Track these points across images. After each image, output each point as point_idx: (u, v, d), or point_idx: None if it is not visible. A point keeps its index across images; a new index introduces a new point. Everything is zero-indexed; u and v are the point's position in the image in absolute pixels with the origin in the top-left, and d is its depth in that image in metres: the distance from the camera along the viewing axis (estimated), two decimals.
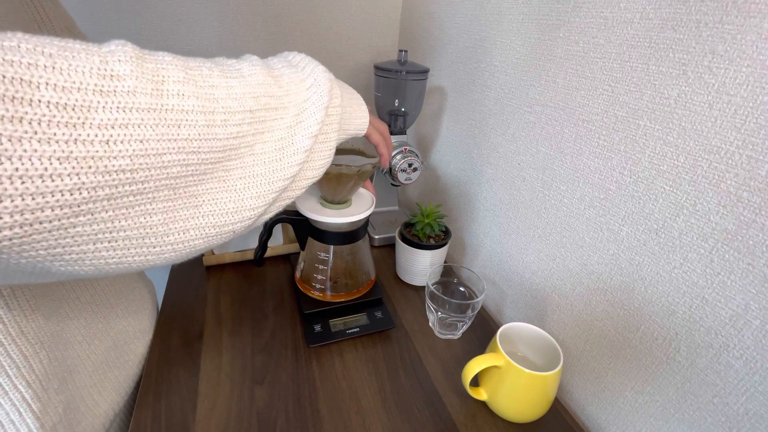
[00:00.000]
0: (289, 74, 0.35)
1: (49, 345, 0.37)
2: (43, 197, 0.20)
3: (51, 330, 0.38)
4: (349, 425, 0.46)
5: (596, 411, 0.50)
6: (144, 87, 0.23)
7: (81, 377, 0.42)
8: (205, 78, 0.27)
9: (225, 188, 0.31)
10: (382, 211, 0.87)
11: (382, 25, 0.93)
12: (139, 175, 0.24)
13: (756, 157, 0.32)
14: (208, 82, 0.27)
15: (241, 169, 0.31)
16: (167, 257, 0.29)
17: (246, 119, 0.30)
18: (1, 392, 0.34)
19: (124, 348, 0.49)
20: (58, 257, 0.23)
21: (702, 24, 0.34)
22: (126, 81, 0.23)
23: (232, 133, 0.29)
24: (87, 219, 0.23)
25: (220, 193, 0.30)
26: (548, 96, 0.51)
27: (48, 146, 0.20)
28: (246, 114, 0.30)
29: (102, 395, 0.44)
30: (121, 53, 0.23)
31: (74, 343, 0.41)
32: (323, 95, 0.36)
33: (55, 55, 0.20)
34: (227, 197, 0.31)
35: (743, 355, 0.34)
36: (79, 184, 0.21)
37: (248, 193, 0.32)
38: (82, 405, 0.42)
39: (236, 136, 0.29)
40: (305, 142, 0.35)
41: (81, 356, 0.42)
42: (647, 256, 0.41)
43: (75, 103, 0.21)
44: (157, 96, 0.24)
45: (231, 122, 0.29)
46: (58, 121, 0.20)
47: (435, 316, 0.58)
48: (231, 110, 0.28)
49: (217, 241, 0.32)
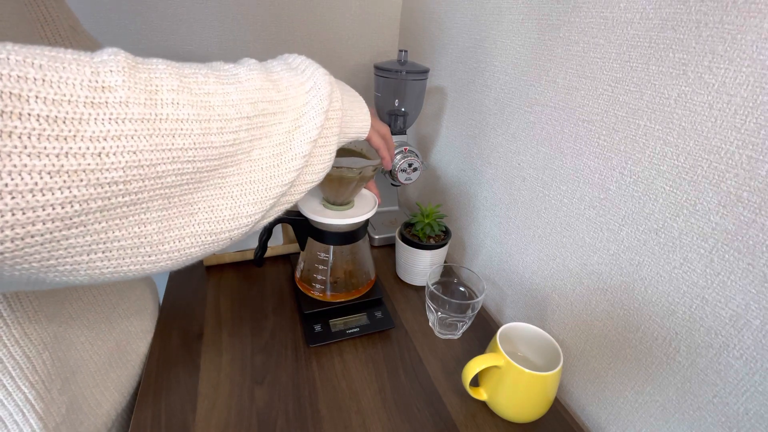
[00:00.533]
0: (288, 77, 0.34)
1: (52, 346, 0.37)
2: (34, 212, 0.20)
3: (54, 331, 0.38)
4: (349, 425, 0.46)
5: (596, 411, 0.50)
6: (137, 97, 0.23)
7: (83, 377, 0.42)
8: (200, 85, 0.27)
9: (221, 195, 0.30)
10: (382, 211, 0.87)
11: (382, 25, 0.93)
12: (133, 186, 0.24)
13: (756, 157, 0.32)
14: (203, 90, 0.27)
15: (238, 175, 0.31)
16: (163, 265, 0.29)
17: (243, 126, 0.29)
18: (4, 393, 0.34)
19: (127, 348, 0.49)
20: (52, 269, 0.23)
21: (702, 24, 0.34)
22: (118, 92, 0.22)
23: (228, 141, 0.28)
24: (80, 231, 0.23)
25: (217, 200, 0.30)
26: (548, 96, 0.51)
27: (38, 161, 0.19)
28: (243, 121, 0.29)
29: (104, 395, 0.44)
30: (113, 63, 0.23)
31: (77, 343, 0.41)
32: (323, 99, 0.35)
33: (46, 67, 0.20)
34: (224, 204, 0.31)
35: (743, 355, 0.34)
36: (70, 198, 0.21)
37: (245, 200, 0.32)
38: (85, 405, 0.42)
39: (233, 143, 0.29)
40: (304, 148, 0.34)
41: (84, 357, 0.42)
42: (647, 256, 0.41)
43: (66, 116, 0.20)
44: (151, 106, 0.24)
45: (227, 129, 0.28)
46: (48, 135, 0.20)
47: (435, 316, 0.58)
48: (227, 117, 0.28)
49: (213, 248, 0.32)
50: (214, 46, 0.83)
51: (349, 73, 0.95)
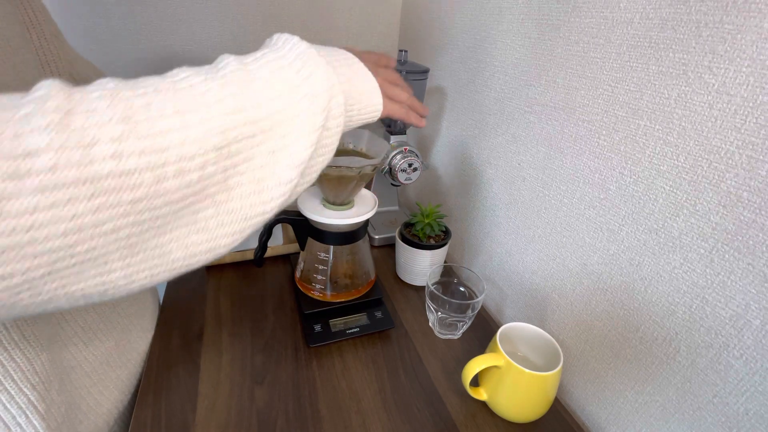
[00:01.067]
0: (278, 80, 0.29)
1: (49, 347, 0.37)
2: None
3: (50, 332, 0.38)
4: (349, 425, 0.46)
5: (596, 411, 0.50)
6: (68, 158, 0.20)
7: (78, 377, 0.42)
8: (152, 123, 0.23)
9: (195, 230, 0.27)
10: (382, 211, 0.87)
11: (382, 25, 0.93)
12: (79, 249, 0.21)
13: (756, 157, 0.32)
14: (156, 128, 0.23)
15: (213, 208, 0.27)
16: (131, 293, 0.27)
17: (210, 160, 0.25)
18: (7, 397, 0.34)
19: (126, 347, 0.49)
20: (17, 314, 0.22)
21: (702, 24, 0.34)
22: (44, 156, 0.19)
23: (192, 181, 0.24)
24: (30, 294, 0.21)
25: (191, 236, 0.27)
26: (548, 96, 0.51)
27: None
28: (210, 155, 0.25)
29: (104, 394, 0.44)
30: (40, 115, 0.19)
31: (70, 345, 0.41)
32: (317, 113, 0.30)
33: None
34: (199, 239, 0.27)
35: (743, 355, 0.34)
36: (9, 272, 0.19)
37: (222, 231, 0.28)
38: (83, 404, 0.42)
39: (199, 181, 0.25)
40: (289, 174, 0.29)
41: (77, 357, 0.42)
42: (647, 256, 0.41)
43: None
44: (87, 164, 0.20)
45: (189, 169, 0.24)
46: None
47: (435, 316, 0.58)
48: (188, 156, 0.24)
49: (185, 271, 0.29)
50: (214, 46, 0.83)
51: None
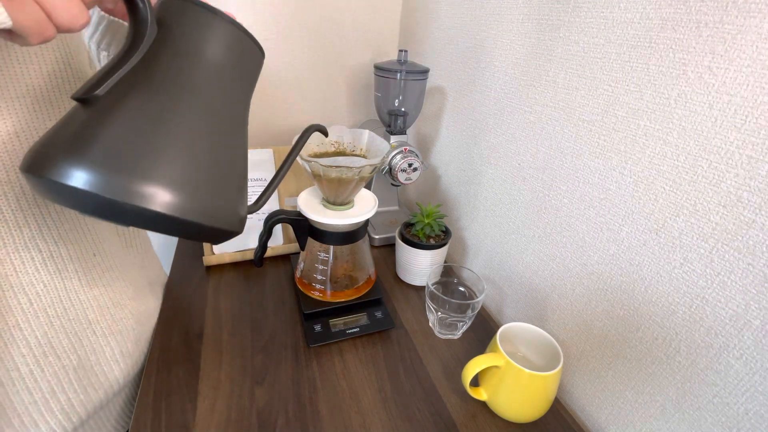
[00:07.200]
0: None
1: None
2: None
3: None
4: (349, 425, 0.46)
5: (596, 411, 0.50)
6: None
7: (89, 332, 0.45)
8: None
9: None
10: (382, 211, 0.87)
11: (382, 25, 0.93)
12: None
13: (756, 157, 0.32)
14: None
15: None
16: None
17: None
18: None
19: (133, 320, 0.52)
20: None
21: (702, 24, 0.34)
22: None
23: None
24: None
25: None
26: (548, 96, 0.51)
27: None
28: None
29: (114, 359, 0.48)
30: None
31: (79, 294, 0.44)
32: None
33: None
34: None
35: (743, 355, 0.34)
36: None
37: None
38: (95, 362, 0.46)
39: None
40: None
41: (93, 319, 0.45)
42: (647, 256, 0.41)
43: None
44: None
45: None
46: None
47: (435, 316, 0.58)
48: None
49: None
50: None
51: (349, 73, 0.95)
